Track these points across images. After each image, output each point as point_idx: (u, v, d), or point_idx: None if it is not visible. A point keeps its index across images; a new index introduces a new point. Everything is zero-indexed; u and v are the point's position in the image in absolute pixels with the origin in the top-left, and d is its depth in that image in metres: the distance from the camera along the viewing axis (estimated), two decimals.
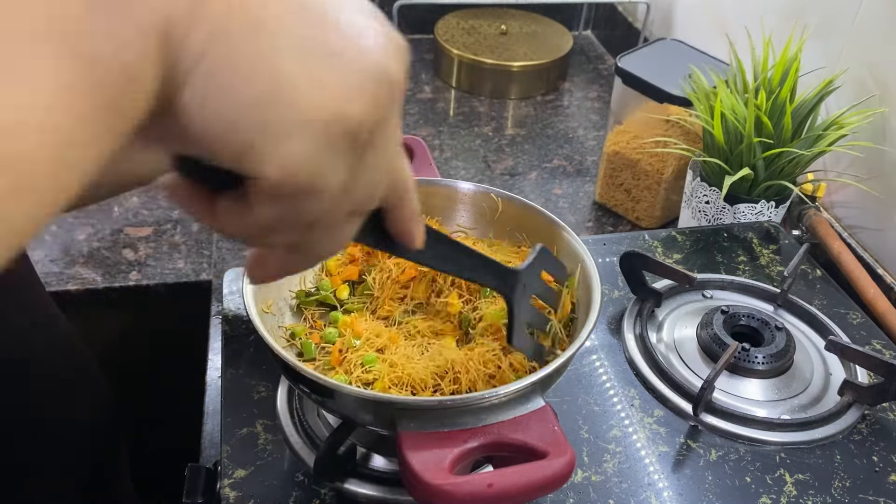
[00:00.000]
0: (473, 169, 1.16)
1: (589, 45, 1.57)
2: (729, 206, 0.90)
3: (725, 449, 0.63)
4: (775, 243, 0.87)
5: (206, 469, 0.62)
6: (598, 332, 0.74)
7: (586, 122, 1.30)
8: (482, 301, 0.61)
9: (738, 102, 0.87)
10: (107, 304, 0.91)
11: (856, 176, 0.92)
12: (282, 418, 0.62)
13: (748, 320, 0.73)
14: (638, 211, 1.04)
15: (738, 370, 0.69)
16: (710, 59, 1.02)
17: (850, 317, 0.78)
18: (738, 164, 0.87)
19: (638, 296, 0.77)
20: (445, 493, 0.43)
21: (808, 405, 0.68)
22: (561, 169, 1.17)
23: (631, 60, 1.02)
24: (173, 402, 1.00)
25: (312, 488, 0.58)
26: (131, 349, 1.02)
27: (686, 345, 0.72)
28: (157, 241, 0.97)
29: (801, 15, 0.98)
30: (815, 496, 0.60)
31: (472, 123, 1.28)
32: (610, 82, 1.42)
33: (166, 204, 1.04)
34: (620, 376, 0.70)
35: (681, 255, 0.84)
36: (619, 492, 0.59)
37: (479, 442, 0.47)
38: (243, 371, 0.67)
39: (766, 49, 0.89)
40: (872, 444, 0.65)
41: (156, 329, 1.00)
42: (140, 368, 1.04)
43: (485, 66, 1.33)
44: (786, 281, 0.76)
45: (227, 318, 0.72)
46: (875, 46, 0.89)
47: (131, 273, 0.92)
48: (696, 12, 1.27)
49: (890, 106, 0.87)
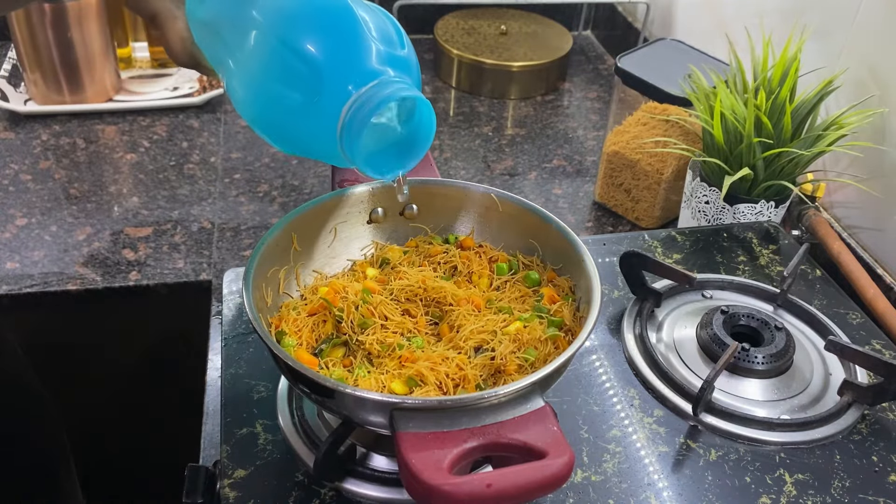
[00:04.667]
0: (473, 169, 1.16)
1: (589, 45, 1.57)
2: (729, 207, 0.90)
3: (725, 449, 0.64)
4: (775, 243, 0.87)
5: (206, 469, 0.62)
6: (597, 332, 0.74)
7: (586, 122, 1.30)
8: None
9: (737, 102, 0.87)
10: (107, 304, 0.91)
11: (855, 176, 0.92)
12: (282, 418, 0.62)
13: (748, 320, 0.73)
14: (638, 211, 1.04)
15: (738, 370, 0.69)
16: (710, 59, 1.02)
17: (850, 317, 0.78)
18: (737, 164, 0.87)
19: (638, 296, 0.77)
20: (444, 493, 0.43)
21: (807, 405, 0.68)
22: (561, 169, 1.17)
23: (631, 60, 1.02)
24: (173, 402, 1.00)
25: (312, 488, 0.58)
26: (131, 349, 1.02)
27: (686, 345, 0.72)
28: (157, 241, 0.97)
29: (800, 15, 0.98)
30: (815, 496, 0.60)
31: (472, 123, 1.28)
32: (610, 82, 1.42)
33: (166, 204, 1.04)
34: (620, 376, 0.70)
35: (680, 255, 0.84)
36: (618, 492, 0.59)
37: (478, 442, 0.47)
38: (243, 371, 0.67)
39: (766, 49, 0.89)
40: (872, 444, 0.65)
41: (156, 329, 1.00)
42: (140, 368, 1.04)
43: (485, 66, 1.33)
44: (785, 281, 0.76)
45: (227, 318, 0.72)
46: (875, 46, 0.89)
47: (131, 273, 0.92)
48: (695, 12, 1.27)
49: (890, 106, 0.87)
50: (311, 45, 0.54)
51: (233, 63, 0.58)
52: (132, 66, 1.34)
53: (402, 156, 0.59)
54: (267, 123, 0.58)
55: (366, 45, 0.55)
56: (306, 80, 0.54)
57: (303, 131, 0.57)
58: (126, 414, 1.07)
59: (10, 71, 1.26)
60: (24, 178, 1.07)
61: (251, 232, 0.99)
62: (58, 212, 1.01)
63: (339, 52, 0.54)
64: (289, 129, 0.57)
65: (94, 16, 1.16)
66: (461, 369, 0.56)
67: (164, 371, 1.04)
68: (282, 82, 0.55)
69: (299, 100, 0.55)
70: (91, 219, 1.00)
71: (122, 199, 1.04)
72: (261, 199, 1.06)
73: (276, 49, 0.54)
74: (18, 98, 1.21)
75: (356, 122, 0.53)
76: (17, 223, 0.99)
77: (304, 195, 1.07)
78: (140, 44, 1.36)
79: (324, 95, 0.54)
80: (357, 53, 0.55)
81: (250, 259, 0.58)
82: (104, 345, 1.01)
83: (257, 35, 0.55)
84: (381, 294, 0.63)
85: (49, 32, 1.14)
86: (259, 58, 0.55)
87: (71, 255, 0.94)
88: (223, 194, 1.06)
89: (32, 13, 1.11)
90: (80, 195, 1.04)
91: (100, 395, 1.05)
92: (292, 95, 0.55)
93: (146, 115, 1.23)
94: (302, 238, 0.64)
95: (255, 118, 0.58)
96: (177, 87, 1.28)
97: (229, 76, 0.58)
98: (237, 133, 1.20)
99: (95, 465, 1.08)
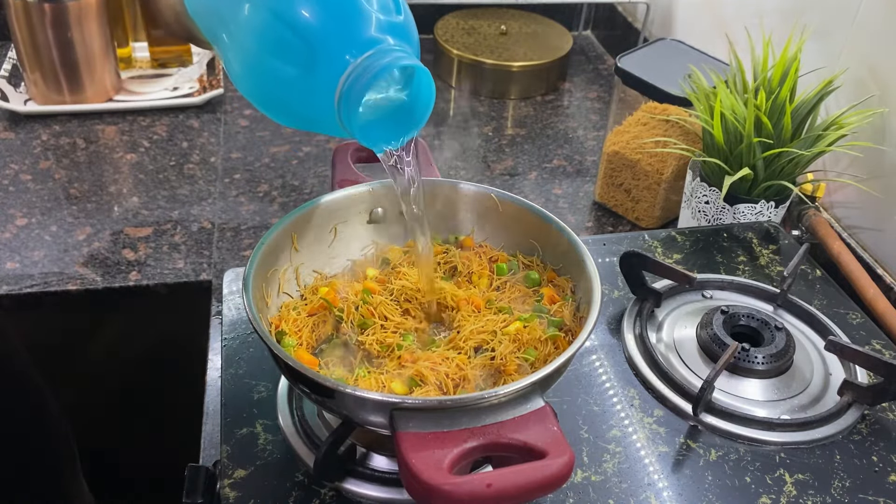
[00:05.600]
0: (473, 169, 1.16)
1: (589, 45, 1.57)
2: (729, 207, 0.90)
3: (725, 449, 0.64)
4: (775, 243, 0.87)
5: (206, 469, 0.62)
6: (597, 332, 0.74)
7: (586, 122, 1.30)
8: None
9: (737, 102, 0.87)
10: (107, 304, 0.91)
11: (855, 176, 0.92)
12: (282, 418, 0.62)
13: (748, 320, 0.73)
14: (638, 211, 1.04)
15: (738, 370, 0.69)
16: (710, 59, 1.02)
17: (850, 317, 0.78)
18: (737, 164, 0.87)
19: (638, 296, 0.77)
20: (444, 492, 0.43)
21: (807, 405, 0.68)
22: (561, 169, 1.17)
23: (631, 60, 1.02)
24: (173, 402, 1.00)
25: (312, 488, 0.58)
26: (131, 349, 1.02)
27: (686, 345, 0.72)
28: (157, 241, 0.97)
29: (800, 15, 0.98)
30: (815, 496, 0.60)
31: (472, 123, 1.28)
32: (610, 82, 1.42)
33: (166, 204, 1.04)
34: (620, 376, 0.70)
35: (681, 255, 0.84)
36: (618, 492, 0.59)
37: (478, 442, 0.47)
38: (243, 371, 0.67)
39: (766, 49, 0.89)
40: (872, 444, 0.65)
41: (156, 329, 1.00)
42: (140, 368, 1.04)
43: (485, 66, 1.33)
44: (785, 281, 0.76)
45: (227, 318, 0.72)
46: (875, 46, 0.89)
47: (131, 273, 0.92)
48: (695, 12, 1.27)
49: (890, 106, 0.87)
50: (304, 17, 0.52)
51: (227, 37, 0.56)
52: (132, 66, 1.34)
53: (402, 125, 0.58)
54: (264, 97, 0.57)
55: (362, 13, 0.53)
56: (301, 54, 0.53)
57: (301, 104, 0.55)
58: (126, 414, 1.07)
59: (10, 71, 1.26)
60: (24, 178, 1.07)
61: (251, 232, 0.99)
62: (58, 212, 1.01)
63: (334, 21, 0.53)
64: (287, 102, 0.56)
65: (94, 16, 1.16)
66: (461, 369, 0.56)
67: (164, 371, 1.04)
68: (276, 56, 0.53)
69: (295, 73, 0.53)
70: (91, 219, 1.00)
71: (122, 199, 1.04)
72: (261, 199, 1.06)
73: (269, 22, 0.53)
74: (18, 98, 1.21)
75: (353, 93, 0.52)
76: (17, 223, 0.99)
77: (304, 195, 1.07)
78: (140, 44, 1.35)
79: (319, 67, 0.53)
80: (353, 22, 0.53)
81: (250, 259, 0.58)
82: (104, 345, 1.01)
83: (250, 7, 0.54)
84: (381, 294, 0.63)
85: (49, 32, 1.14)
86: (252, 31, 0.54)
87: (71, 255, 0.94)
88: (223, 194, 1.06)
89: (32, 13, 1.11)
90: (80, 195, 1.04)
91: (99, 396, 1.05)
92: (288, 69, 0.53)
93: (146, 115, 1.23)
94: (302, 238, 0.64)
95: (252, 92, 0.57)
96: (177, 87, 1.28)
97: (224, 50, 0.57)
98: (237, 133, 1.20)
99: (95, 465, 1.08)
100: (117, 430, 1.09)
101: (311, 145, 1.18)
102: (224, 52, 0.57)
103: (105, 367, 1.03)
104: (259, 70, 0.55)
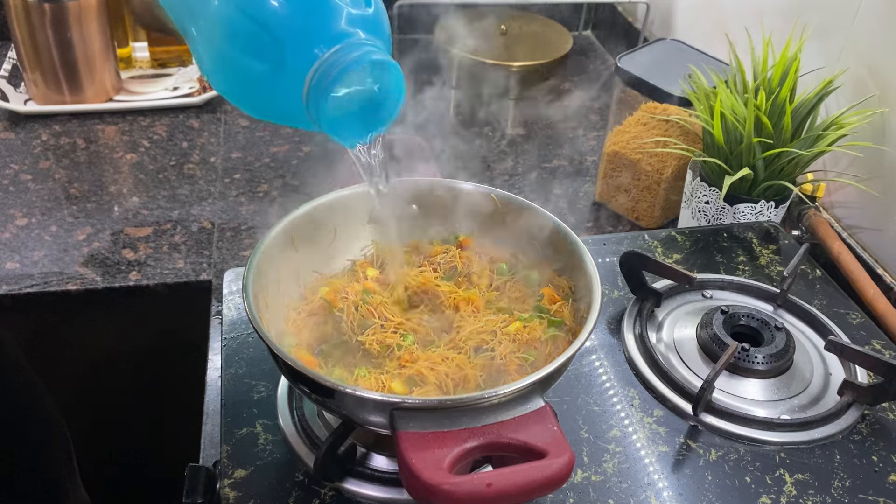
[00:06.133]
0: (473, 169, 1.16)
1: (589, 45, 1.57)
2: (729, 207, 0.90)
3: (725, 449, 0.64)
4: (775, 243, 0.87)
5: (206, 469, 0.62)
6: (597, 332, 0.74)
7: (586, 122, 1.30)
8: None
9: (737, 102, 0.87)
10: (107, 304, 0.91)
11: (855, 176, 0.92)
12: (282, 418, 0.62)
13: (748, 320, 0.73)
14: (638, 211, 1.04)
15: (738, 370, 0.69)
16: (710, 59, 1.02)
17: (850, 317, 0.78)
18: (737, 164, 0.87)
19: (638, 296, 0.77)
20: (444, 492, 0.43)
21: (807, 405, 0.68)
22: (561, 169, 1.17)
23: (631, 60, 1.02)
24: (173, 402, 1.00)
25: (312, 488, 0.58)
26: (131, 349, 1.02)
27: (686, 345, 0.72)
28: (157, 241, 0.97)
29: (800, 15, 0.98)
30: (815, 496, 0.60)
31: (472, 123, 1.28)
32: (610, 82, 1.42)
33: (166, 204, 1.04)
34: (620, 376, 0.70)
35: (680, 255, 0.84)
36: (618, 492, 0.59)
37: (478, 442, 0.47)
38: (243, 371, 0.67)
39: (766, 49, 0.89)
40: (872, 444, 0.65)
41: (156, 329, 1.00)
42: (140, 368, 1.04)
43: (485, 66, 1.33)
44: (785, 281, 0.76)
45: (227, 318, 0.72)
46: (875, 46, 0.89)
47: (131, 273, 0.92)
48: (695, 12, 1.27)
49: (890, 106, 0.87)
50: (270, 12, 0.51)
51: (195, 30, 0.55)
52: (132, 66, 1.34)
53: (371, 121, 0.57)
54: (234, 91, 0.56)
55: (332, 5, 0.52)
56: (269, 48, 0.52)
57: (271, 98, 0.55)
58: (126, 414, 1.07)
59: (10, 71, 1.26)
60: (24, 178, 1.07)
61: (251, 232, 0.99)
62: (58, 212, 1.01)
63: (302, 14, 0.52)
64: (257, 96, 0.55)
65: (94, 16, 1.16)
66: (461, 369, 0.56)
67: (163, 371, 1.04)
68: (244, 50, 0.52)
69: (264, 68, 0.52)
70: (91, 219, 1.00)
71: (122, 199, 1.04)
72: (261, 199, 1.06)
73: (234, 17, 0.52)
74: (18, 98, 1.21)
75: (321, 87, 0.51)
76: (17, 223, 0.99)
77: (304, 195, 1.07)
78: (140, 44, 1.36)
79: (288, 61, 0.52)
80: (322, 15, 0.52)
81: (250, 259, 0.58)
82: (104, 345, 1.01)
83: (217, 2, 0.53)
84: (381, 294, 0.63)
85: (49, 32, 1.14)
86: (219, 26, 0.53)
87: (71, 255, 0.94)
88: (223, 194, 1.06)
89: (32, 13, 1.11)
90: (80, 195, 1.04)
91: (99, 396, 1.05)
92: (256, 63, 0.52)
93: (146, 115, 1.23)
94: (302, 238, 0.64)
95: (222, 86, 0.56)
96: (177, 87, 1.28)
97: (193, 43, 0.56)
98: (237, 133, 1.20)
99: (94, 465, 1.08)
100: (117, 430, 1.09)
101: (311, 145, 1.18)
102: (193, 46, 0.56)
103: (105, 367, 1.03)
104: (228, 64, 0.54)
